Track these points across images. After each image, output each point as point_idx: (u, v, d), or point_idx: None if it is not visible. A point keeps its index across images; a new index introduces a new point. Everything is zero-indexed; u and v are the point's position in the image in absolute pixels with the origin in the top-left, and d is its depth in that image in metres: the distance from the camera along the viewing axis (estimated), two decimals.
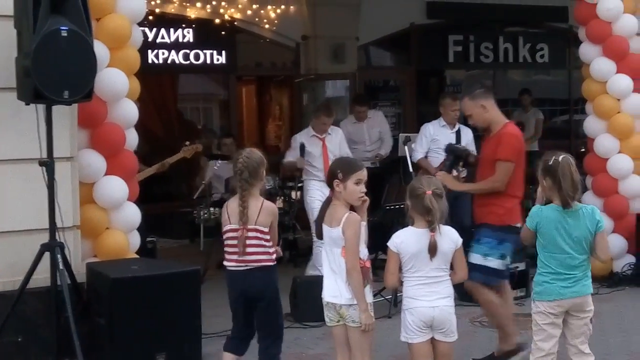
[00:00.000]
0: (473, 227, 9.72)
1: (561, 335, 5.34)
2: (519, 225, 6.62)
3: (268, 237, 5.53)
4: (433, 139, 9.82)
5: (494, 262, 6.44)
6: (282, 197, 11.04)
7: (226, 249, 5.64)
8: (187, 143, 9.68)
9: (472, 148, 9.98)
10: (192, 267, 6.41)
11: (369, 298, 5.15)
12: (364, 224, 5.17)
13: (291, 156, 9.90)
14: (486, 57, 15.64)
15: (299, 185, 11.10)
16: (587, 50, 9.43)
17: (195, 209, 11.01)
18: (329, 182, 5.22)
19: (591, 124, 9.49)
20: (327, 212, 5.21)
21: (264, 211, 5.50)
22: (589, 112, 9.53)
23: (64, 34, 5.90)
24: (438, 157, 9.74)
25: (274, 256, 5.59)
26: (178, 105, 15.12)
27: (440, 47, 15.38)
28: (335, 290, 5.15)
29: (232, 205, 5.57)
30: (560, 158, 5.15)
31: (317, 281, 5.54)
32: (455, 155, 7.03)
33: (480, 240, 6.50)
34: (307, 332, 7.52)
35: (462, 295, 8.39)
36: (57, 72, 5.89)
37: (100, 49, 6.49)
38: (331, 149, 9.65)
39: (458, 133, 9.87)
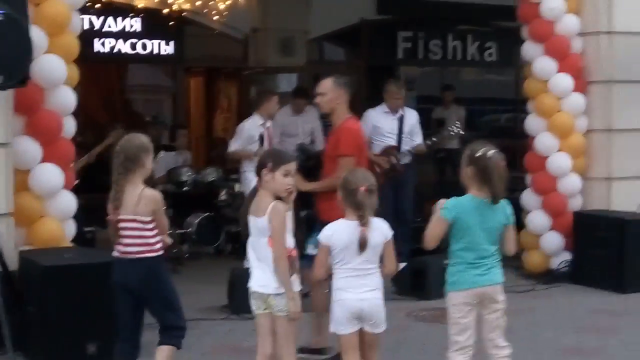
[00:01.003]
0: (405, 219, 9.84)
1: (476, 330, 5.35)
2: None
3: (150, 227, 5.28)
4: (374, 126, 9.82)
5: None
6: (226, 189, 11.03)
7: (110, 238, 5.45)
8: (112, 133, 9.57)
9: (417, 130, 10.07)
10: None
11: (296, 287, 5.17)
12: (290, 213, 5.19)
13: (237, 145, 9.86)
14: (435, 54, 15.75)
15: None
16: (530, 49, 9.53)
17: None
18: (258, 171, 5.24)
19: (532, 122, 9.59)
20: (252, 202, 5.23)
21: (143, 199, 5.24)
22: (530, 110, 9.65)
23: (0, 18, 5.84)
24: (380, 144, 9.84)
25: (157, 246, 5.33)
26: (128, 96, 15.02)
27: (390, 43, 15.46)
28: (263, 279, 5.16)
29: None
30: (490, 153, 5.15)
31: None
32: (306, 156, 7.01)
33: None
34: (244, 323, 7.51)
35: (401, 289, 8.54)
36: None
37: (38, 35, 6.45)
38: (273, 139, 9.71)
39: (401, 119, 9.92)
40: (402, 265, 8.85)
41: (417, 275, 8.63)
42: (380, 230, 5.22)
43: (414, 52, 15.60)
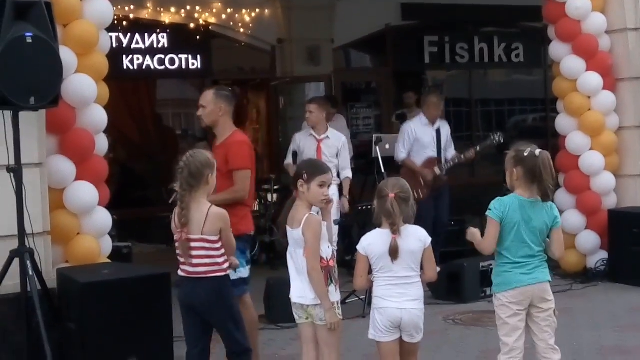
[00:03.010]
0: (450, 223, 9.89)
1: (528, 333, 5.34)
2: (251, 233, 6.48)
3: (217, 246, 5.27)
4: (416, 139, 9.90)
5: (242, 271, 6.26)
6: (258, 200, 11.07)
7: (178, 257, 5.45)
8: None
9: (450, 141, 10.12)
10: (161, 271, 6.39)
11: (335, 297, 5.18)
12: (325, 223, 5.20)
13: (288, 158, 9.57)
14: (462, 57, 15.71)
15: (275, 187, 11.14)
16: (557, 49, 9.49)
17: (170, 214, 11.00)
18: (294, 183, 5.25)
19: (562, 122, 9.56)
20: (290, 212, 5.24)
21: (210, 218, 5.21)
22: (560, 110, 9.60)
23: (29, 40, 5.90)
24: (422, 157, 9.91)
25: (225, 266, 5.33)
26: (158, 111, 15.10)
27: (416, 48, 15.44)
28: (302, 290, 5.19)
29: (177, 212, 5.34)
30: (539, 152, 5.21)
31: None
32: None
33: None
34: (281, 333, 7.55)
35: (437, 293, 8.51)
36: (22, 79, 5.89)
37: (67, 55, 6.49)
38: (327, 154, 9.11)
39: (438, 131, 10.00)
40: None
41: (452, 279, 8.61)
42: (417, 237, 5.19)
43: (440, 56, 15.57)
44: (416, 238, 5.19)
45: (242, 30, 13.57)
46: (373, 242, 5.18)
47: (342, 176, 9.17)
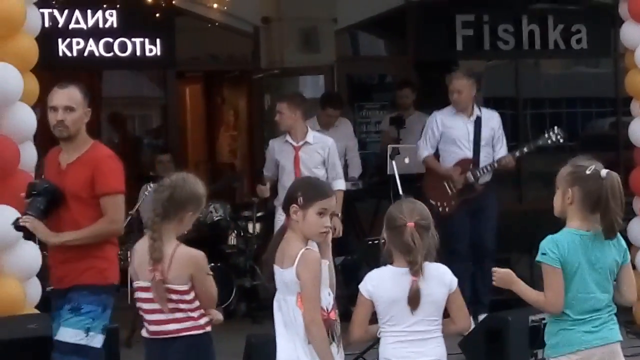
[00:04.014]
0: (485, 253, 9.75)
1: None
2: (116, 282, 6.40)
3: (188, 297, 5.33)
4: (443, 133, 9.95)
5: (97, 339, 6.19)
6: (236, 231, 11.04)
7: (140, 312, 5.48)
8: None
9: (499, 137, 10.13)
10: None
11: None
12: (326, 262, 5.20)
13: (267, 170, 9.78)
14: (505, 43, 15.73)
15: (258, 215, 11.13)
16: (631, 32, 9.48)
17: (121, 248, 10.96)
18: (286, 207, 5.25)
19: (638, 128, 9.55)
20: (279, 247, 5.23)
21: (176, 261, 5.30)
22: (635, 113, 9.59)
23: None
24: (450, 156, 9.94)
25: (202, 321, 5.39)
26: (105, 111, 15.13)
27: (446, 31, 15.47)
28: (293, 351, 5.16)
29: (141, 248, 5.40)
30: (606, 172, 5.19)
31: None
32: (52, 197, 6.30)
33: (81, 310, 6.17)
34: None
35: (473, 356, 8.48)
36: None
37: None
38: (309, 164, 9.32)
39: (478, 122, 10.00)
40: (482, 316, 8.80)
41: (493, 339, 8.56)
42: (441, 279, 5.20)
43: (477, 41, 15.59)
44: (439, 281, 5.20)
45: (216, 6, 13.58)
46: (381, 284, 5.18)
47: (334, 188, 9.14)
